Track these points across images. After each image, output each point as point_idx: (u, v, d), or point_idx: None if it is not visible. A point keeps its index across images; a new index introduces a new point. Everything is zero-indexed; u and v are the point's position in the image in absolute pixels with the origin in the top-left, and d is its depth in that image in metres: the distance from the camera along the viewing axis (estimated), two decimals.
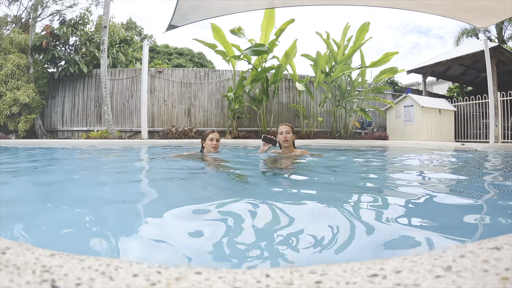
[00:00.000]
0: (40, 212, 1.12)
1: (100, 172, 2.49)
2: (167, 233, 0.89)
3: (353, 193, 1.58)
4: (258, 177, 2.06)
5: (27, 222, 0.98)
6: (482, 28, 7.20)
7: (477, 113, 8.59)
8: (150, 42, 8.55)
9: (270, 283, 0.36)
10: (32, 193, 1.57)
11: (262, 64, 7.67)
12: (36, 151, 4.41)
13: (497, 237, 0.51)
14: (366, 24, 7.35)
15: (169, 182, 1.91)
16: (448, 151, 4.74)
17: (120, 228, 0.96)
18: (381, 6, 6.50)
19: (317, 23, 75.05)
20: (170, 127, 7.90)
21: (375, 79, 8.21)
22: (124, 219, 1.06)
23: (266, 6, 6.81)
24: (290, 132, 2.93)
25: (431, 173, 2.40)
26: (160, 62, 12.20)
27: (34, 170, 2.52)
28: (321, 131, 8.83)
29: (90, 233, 0.91)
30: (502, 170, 2.78)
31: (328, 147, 5.73)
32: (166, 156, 3.41)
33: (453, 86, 13.63)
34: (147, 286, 0.35)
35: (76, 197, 1.43)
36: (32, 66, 7.93)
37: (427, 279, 0.36)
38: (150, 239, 0.86)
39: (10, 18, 10.26)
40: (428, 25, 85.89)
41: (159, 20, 52.68)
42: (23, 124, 7.58)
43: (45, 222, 0.99)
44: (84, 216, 1.07)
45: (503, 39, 13.25)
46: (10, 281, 0.35)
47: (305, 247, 0.81)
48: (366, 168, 2.70)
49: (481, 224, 1.00)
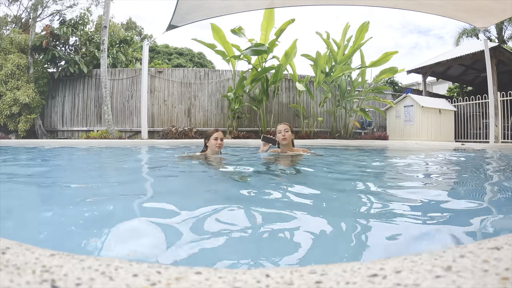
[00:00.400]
0: (40, 212, 1.12)
1: (99, 172, 2.49)
2: (167, 233, 0.89)
3: (352, 193, 1.58)
4: (259, 177, 2.06)
5: (27, 222, 0.98)
6: (482, 28, 7.20)
7: (477, 113, 8.59)
8: (150, 42, 8.55)
9: (270, 283, 0.36)
10: (32, 193, 1.57)
11: (262, 64, 7.67)
12: (36, 151, 4.41)
13: (497, 237, 0.51)
14: (366, 24, 7.34)
15: (170, 183, 1.91)
16: (448, 151, 4.74)
17: (120, 228, 0.96)
18: (381, 6, 6.50)
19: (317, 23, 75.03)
20: (170, 127, 7.90)
21: (375, 79, 8.21)
22: (124, 219, 1.06)
23: (266, 6, 6.81)
24: (288, 130, 2.96)
25: (430, 173, 2.40)
26: (160, 62, 12.21)
27: (34, 170, 2.52)
28: (321, 131, 8.83)
29: (90, 233, 0.91)
30: (502, 170, 2.78)
31: (328, 147, 5.73)
32: (168, 156, 3.41)
33: (453, 86, 13.63)
34: (147, 286, 0.35)
35: (75, 197, 1.43)
36: (32, 66, 7.93)
37: (427, 279, 0.36)
38: (150, 239, 0.86)
39: (10, 18, 10.26)
40: (428, 25, 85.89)
41: (159, 20, 52.68)
42: (23, 124, 7.58)
43: (45, 222, 0.99)
44: (84, 216, 1.07)
45: (503, 39, 13.25)
46: (10, 281, 0.35)
47: (305, 247, 0.81)
48: (366, 168, 2.70)
49: (481, 224, 1.00)
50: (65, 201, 1.35)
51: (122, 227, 0.96)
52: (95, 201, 1.34)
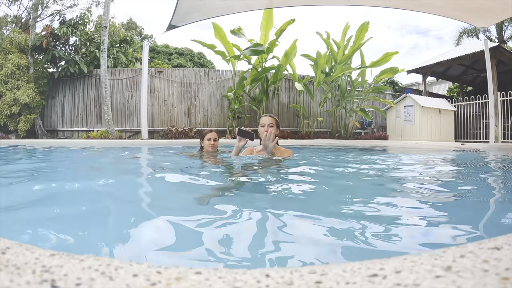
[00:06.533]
0: (40, 212, 1.12)
1: (98, 173, 2.49)
2: (167, 234, 0.89)
3: (352, 193, 1.58)
4: (255, 176, 2.05)
5: (27, 222, 0.98)
6: (482, 28, 7.20)
7: (477, 113, 8.59)
8: (150, 42, 8.55)
9: (270, 283, 0.36)
10: (32, 193, 1.56)
11: (262, 64, 7.67)
12: (37, 151, 4.41)
13: (497, 237, 0.51)
14: (366, 24, 7.34)
15: (168, 182, 1.90)
16: (448, 151, 4.74)
17: (120, 228, 0.96)
18: (381, 6, 6.49)
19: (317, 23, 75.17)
20: (170, 127, 7.91)
21: (375, 79, 8.21)
22: (123, 219, 1.06)
23: (266, 6, 6.81)
24: (273, 125, 2.42)
25: (430, 173, 2.39)
26: (160, 62, 12.21)
27: (34, 170, 2.52)
28: (321, 131, 8.84)
29: (90, 233, 0.91)
30: (502, 170, 2.78)
31: (328, 147, 5.73)
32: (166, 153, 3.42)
33: (453, 86, 13.63)
34: (147, 286, 0.35)
35: (75, 197, 1.43)
36: (32, 66, 7.93)
37: (427, 279, 0.36)
38: (150, 239, 0.86)
39: (10, 18, 10.26)
40: (427, 26, 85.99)
41: (159, 20, 52.70)
42: (23, 124, 7.58)
43: (45, 222, 0.99)
44: (83, 216, 1.07)
45: (503, 39, 13.25)
46: (10, 281, 0.35)
47: (305, 247, 0.81)
48: (365, 168, 2.70)
49: (481, 224, 1.00)
50: (64, 201, 1.35)
51: (121, 228, 0.96)
52: (94, 201, 1.34)
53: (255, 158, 2.52)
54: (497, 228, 0.97)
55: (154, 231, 0.92)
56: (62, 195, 1.49)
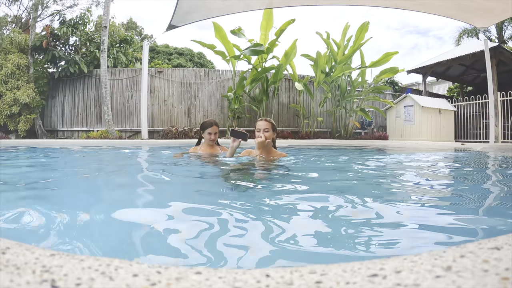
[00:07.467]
0: (40, 212, 1.12)
1: (97, 173, 2.49)
2: (166, 234, 0.89)
3: (351, 193, 1.58)
4: (252, 179, 2.06)
5: (27, 222, 0.98)
6: (482, 28, 7.20)
7: (477, 113, 8.59)
8: (150, 42, 8.55)
9: (270, 283, 0.36)
10: (32, 193, 1.56)
11: (262, 64, 7.68)
12: (36, 151, 4.41)
13: (497, 237, 0.51)
14: (366, 24, 7.34)
15: (167, 183, 1.91)
16: (448, 151, 4.74)
17: (119, 228, 0.96)
18: (381, 6, 6.50)
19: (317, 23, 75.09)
20: (170, 127, 7.91)
21: (375, 79, 8.22)
22: (123, 219, 1.06)
23: (266, 6, 6.81)
24: (269, 130, 2.40)
25: (430, 173, 2.39)
26: (160, 62, 12.21)
27: (34, 170, 2.52)
28: (321, 131, 8.84)
29: (90, 233, 0.91)
30: (502, 170, 2.78)
31: (328, 147, 5.73)
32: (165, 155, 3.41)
33: (453, 86, 13.63)
34: (147, 286, 0.35)
35: (75, 196, 1.43)
36: (32, 66, 7.93)
37: (427, 279, 0.36)
38: (149, 240, 0.86)
39: (10, 18, 10.25)
40: (427, 26, 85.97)
41: (159, 20, 52.71)
42: (23, 124, 7.58)
43: (45, 222, 0.99)
44: (83, 216, 1.07)
45: (503, 39, 13.25)
46: (10, 281, 0.35)
47: (305, 247, 0.81)
48: (365, 168, 2.70)
49: (481, 224, 1.00)
50: (64, 201, 1.35)
51: (121, 228, 0.96)
52: (94, 201, 1.34)
53: (252, 159, 2.52)
54: (497, 228, 0.97)
55: (154, 231, 0.92)
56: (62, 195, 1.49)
